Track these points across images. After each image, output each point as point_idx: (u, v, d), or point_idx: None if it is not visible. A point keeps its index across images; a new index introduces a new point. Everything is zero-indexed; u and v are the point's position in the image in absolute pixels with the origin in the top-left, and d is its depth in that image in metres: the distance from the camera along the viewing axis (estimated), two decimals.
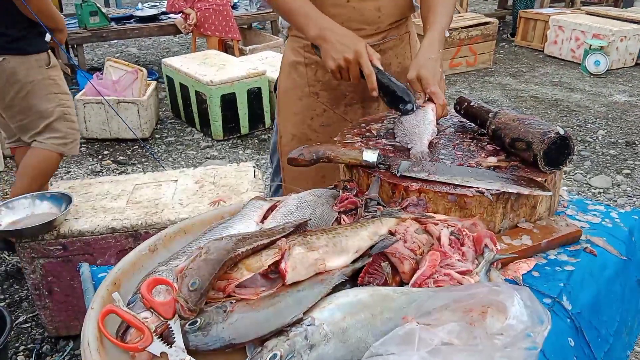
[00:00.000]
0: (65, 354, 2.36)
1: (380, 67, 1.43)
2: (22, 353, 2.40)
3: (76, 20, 5.94)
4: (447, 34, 1.64)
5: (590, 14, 7.39)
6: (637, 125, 5.00)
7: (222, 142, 4.66)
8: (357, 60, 1.40)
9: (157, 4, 7.10)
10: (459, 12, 8.03)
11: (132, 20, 6.33)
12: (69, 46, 5.96)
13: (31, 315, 2.62)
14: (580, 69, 6.72)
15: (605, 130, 4.88)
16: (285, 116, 1.79)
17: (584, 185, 3.92)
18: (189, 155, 4.45)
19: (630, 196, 3.76)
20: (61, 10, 7.54)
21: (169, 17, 6.33)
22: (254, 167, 2.73)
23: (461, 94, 5.98)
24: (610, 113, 5.31)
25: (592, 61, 6.55)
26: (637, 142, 4.62)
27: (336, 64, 1.42)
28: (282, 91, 1.79)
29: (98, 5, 5.97)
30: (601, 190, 3.84)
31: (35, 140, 2.78)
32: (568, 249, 1.16)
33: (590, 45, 6.54)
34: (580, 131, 4.88)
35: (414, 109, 1.42)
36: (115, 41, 7.77)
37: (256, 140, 4.71)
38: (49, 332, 2.41)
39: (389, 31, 1.65)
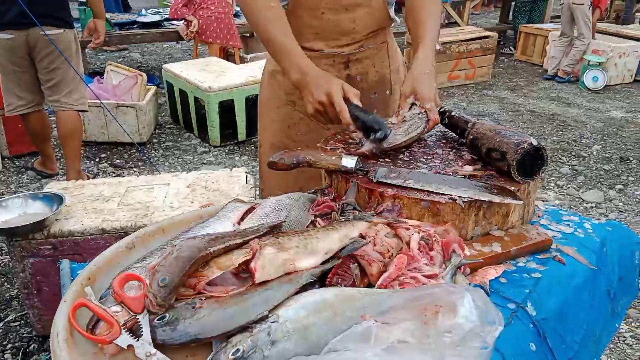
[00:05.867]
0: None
1: (357, 103, 1.41)
2: (9, 351, 2.41)
3: (79, 25, 6.00)
4: (438, 47, 1.65)
5: None
6: (632, 141, 5.04)
7: (219, 148, 4.70)
8: (331, 101, 1.39)
9: (161, 10, 7.18)
10: (460, 26, 8.11)
11: (135, 26, 6.40)
12: None
13: (20, 314, 2.64)
14: (578, 85, 6.77)
15: (600, 146, 4.91)
16: (265, 125, 1.82)
17: (577, 199, 3.94)
18: (186, 161, 4.49)
19: (622, 211, 3.78)
20: None
21: (172, 24, 6.40)
22: (246, 172, 2.76)
23: (459, 106, 6.06)
24: (606, 129, 5.34)
25: (590, 77, 6.60)
26: (631, 158, 4.64)
27: (314, 108, 1.42)
28: (262, 100, 1.83)
29: None
30: (593, 205, 3.86)
31: (62, 103, 3.61)
32: (538, 257, 1.19)
33: (589, 61, 6.60)
34: (575, 146, 4.91)
35: (386, 136, 1.37)
36: (119, 46, 7.85)
37: (253, 147, 4.75)
38: (37, 331, 2.43)
39: (366, 41, 1.68)
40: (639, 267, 1.42)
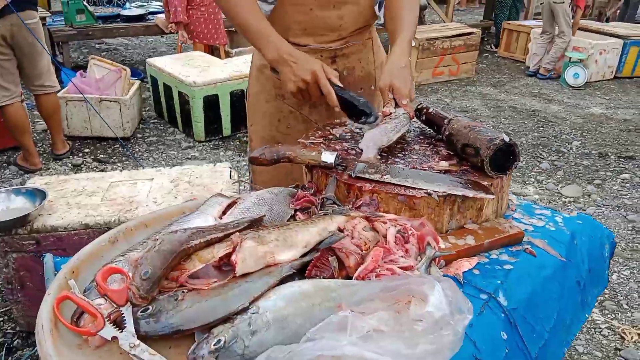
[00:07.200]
0: (36, 348, 2.38)
1: (339, 84, 1.48)
2: None
3: (62, 19, 5.95)
4: (413, 43, 1.70)
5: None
6: (611, 137, 5.14)
7: (204, 143, 4.70)
8: (315, 81, 1.45)
9: (145, 3, 7.13)
10: (444, 22, 8.17)
11: (118, 20, 6.35)
12: (55, 44, 5.97)
13: (4, 309, 2.63)
14: (559, 81, 6.87)
15: (580, 142, 5.00)
16: (255, 119, 1.84)
17: (556, 194, 4.02)
18: (170, 156, 4.48)
19: (600, 206, 3.87)
20: (49, 7, 7.54)
21: (156, 17, 6.36)
22: (229, 167, 2.78)
23: (442, 102, 6.10)
24: (586, 125, 5.44)
25: (571, 74, 6.70)
26: (609, 154, 4.74)
27: (296, 86, 1.48)
28: (251, 95, 1.85)
29: (85, 3, 5.98)
30: (572, 200, 3.94)
31: (46, 87, 3.92)
32: (510, 249, 1.23)
33: (570, 57, 6.69)
34: (555, 142, 5.00)
35: (376, 120, 1.46)
36: (103, 40, 7.77)
37: (238, 142, 4.76)
38: (21, 327, 2.43)
39: (352, 37, 1.71)
40: (608, 259, 1.47)
